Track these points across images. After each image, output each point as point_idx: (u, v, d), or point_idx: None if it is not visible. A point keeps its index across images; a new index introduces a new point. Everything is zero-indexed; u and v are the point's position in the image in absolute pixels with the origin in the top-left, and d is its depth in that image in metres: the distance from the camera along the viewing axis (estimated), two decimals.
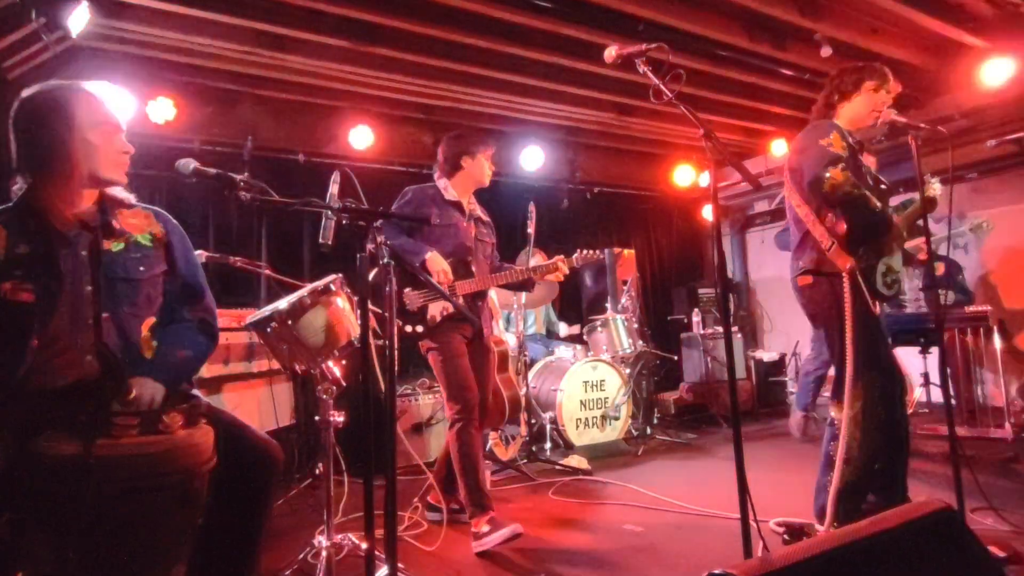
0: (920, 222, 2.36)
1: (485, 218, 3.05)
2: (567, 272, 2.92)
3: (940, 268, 4.71)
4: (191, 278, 1.78)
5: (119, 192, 1.69)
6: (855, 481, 2.29)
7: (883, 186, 2.49)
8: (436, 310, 2.71)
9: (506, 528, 2.44)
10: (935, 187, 2.47)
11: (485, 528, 2.48)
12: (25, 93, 1.57)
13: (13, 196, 1.58)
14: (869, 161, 2.59)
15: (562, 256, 2.91)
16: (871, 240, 2.32)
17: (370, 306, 2.42)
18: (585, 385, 4.35)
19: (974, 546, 1.25)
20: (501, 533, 2.43)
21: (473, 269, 2.83)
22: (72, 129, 1.53)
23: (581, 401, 4.32)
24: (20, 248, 1.50)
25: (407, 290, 2.71)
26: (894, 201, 2.57)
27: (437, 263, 2.69)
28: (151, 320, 1.66)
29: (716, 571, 0.96)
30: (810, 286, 2.42)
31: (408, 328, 2.68)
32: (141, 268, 1.64)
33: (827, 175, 2.20)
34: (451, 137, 2.94)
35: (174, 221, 1.79)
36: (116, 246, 1.61)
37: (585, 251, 2.97)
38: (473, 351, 2.80)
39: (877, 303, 2.30)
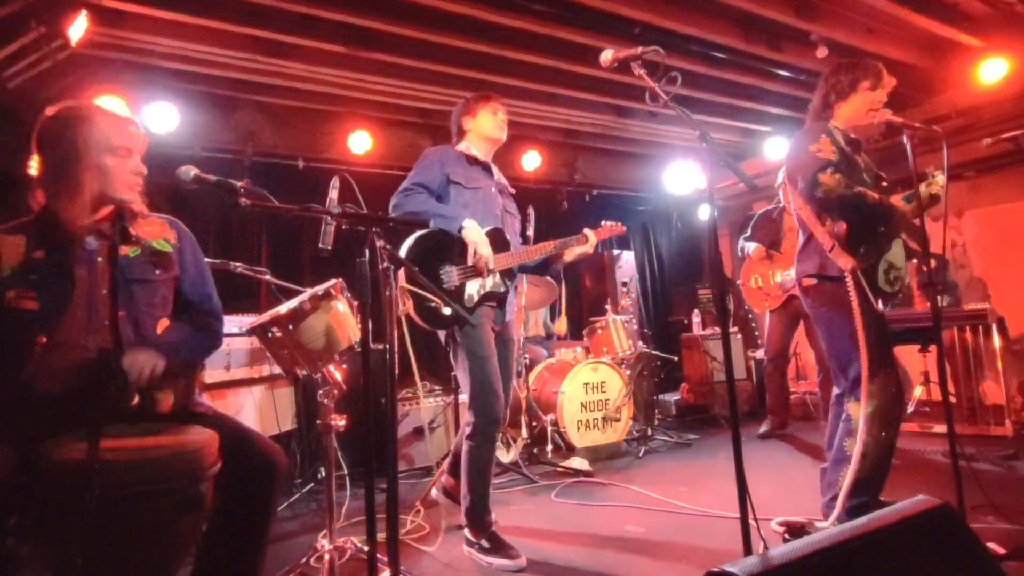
0: (916, 220, 2.38)
1: (511, 190, 2.85)
2: (596, 243, 2.76)
3: (932, 265, 4.74)
4: (200, 285, 1.85)
5: (135, 202, 1.74)
6: (869, 477, 2.30)
7: (884, 183, 2.50)
8: (474, 289, 2.49)
9: (513, 561, 2.35)
10: (939, 181, 2.47)
11: (486, 544, 2.42)
12: (50, 111, 1.64)
13: (35, 207, 1.65)
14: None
15: (588, 228, 2.76)
16: (873, 238, 2.33)
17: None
18: (586, 387, 4.35)
19: (972, 543, 1.26)
20: (505, 563, 2.35)
21: (510, 242, 2.61)
22: (87, 151, 1.60)
23: (582, 403, 4.32)
24: (37, 253, 1.58)
25: (445, 266, 2.48)
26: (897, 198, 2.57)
27: (473, 233, 2.44)
28: (165, 321, 1.73)
29: (715, 569, 0.97)
30: (814, 288, 2.45)
31: (447, 310, 2.40)
32: (156, 271, 1.72)
33: (818, 181, 2.23)
34: (455, 109, 2.80)
35: (187, 229, 1.87)
36: (132, 252, 1.69)
37: (609, 222, 2.83)
38: (499, 343, 2.63)
39: (880, 300, 2.31)
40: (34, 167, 1.64)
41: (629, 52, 1.83)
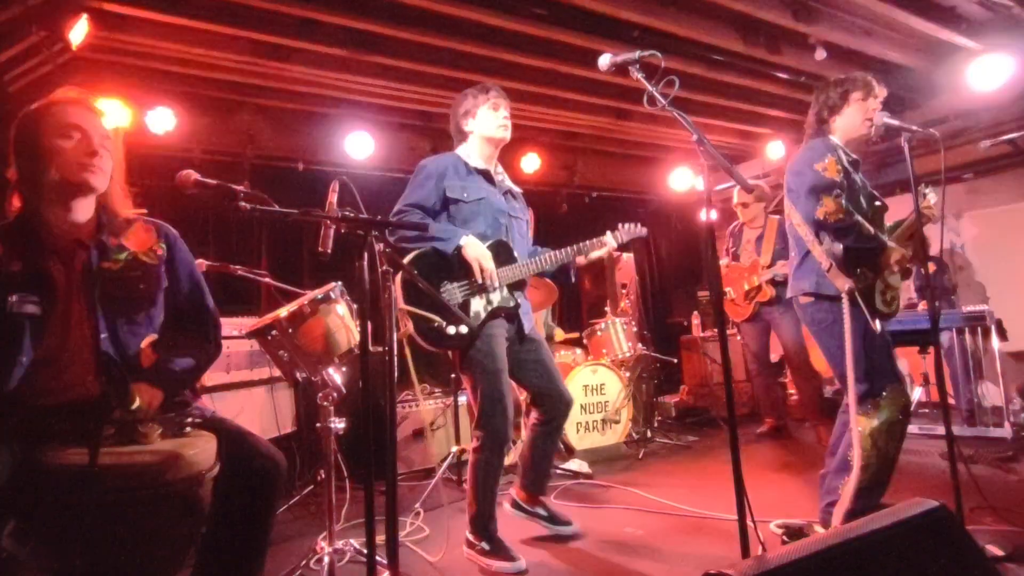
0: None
1: (516, 190, 2.71)
2: (615, 247, 2.65)
3: (931, 268, 4.77)
4: (194, 291, 1.79)
5: (119, 207, 1.69)
6: (870, 487, 2.31)
7: (878, 203, 2.51)
8: (479, 305, 2.40)
9: (512, 563, 2.32)
10: (930, 200, 2.49)
11: (486, 546, 2.40)
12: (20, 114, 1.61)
13: (10, 214, 1.60)
14: None
15: (609, 232, 2.66)
16: (869, 260, 2.35)
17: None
18: (585, 389, 4.35)
19: (969, 545, 1.26)
20: (505, 566, 2.32)
21: (515, 253, 2.51)
22: (41, 137, 1.56)
23: (581, 405, 4.32)
24: (14, 265, 1.50)
25: (445, 283, 2.38)
26: (889, 218, 2.59)
27: (474, 249, 2.34)
28: (152, 336, 1.66)
29: (712, 572, 0.98)
30: (811, 305, 2.46)
31: (451, 330, 2.31)
32: (141, 286, 1.64)
33: (820, 204, 2.24)
34: (452, 108, 2.64)
35: (175, 233, 1.80)
36: (116, 263, 1.62)
37: (627, 225, 2.70)
38: (522, 349, 2.55)
39: (876, 320, 2.32)
40: (11, 172, 1.61)
41: (627, 56, 1.83)
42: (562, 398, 2.61)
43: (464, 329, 2.33)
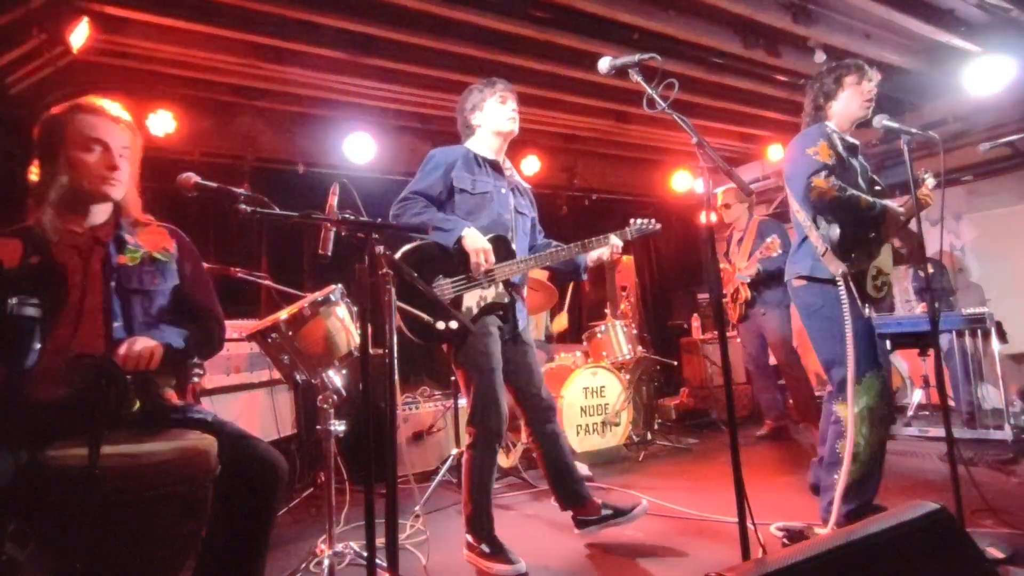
0: (914, 226, 2.41)
1: (524, 186, 2.71)
2: (620, 247, 2.58)
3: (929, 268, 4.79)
4: (201, 293, 1.85)
5: (134, 210, 1.77)
6: (861, 479, 2.32)
7: (878, 187, 2.53)
8: (472, 301, 2.39)
9: (512, 566, 2.31)
10: (928, 183, 2.51)
11: (486, 549, 2.39)
12: (43, 116, 1.67)
13: (31, 215, 1.66)
14: None
15: (618, 231, 2.59)
16: (864, 244, 2.37)
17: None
18: (585, 391, 4.35)
19: (969, 547, 1.26)
20: (505, 568, 2.31)
21: (514, 247, 2.48)
22: (64, 147, 1.62)
23: (582, 407, 4.32)
24: (33, 259, 1.58)
25: (439, 278, 2.40)
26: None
27: (475, 241, 2.33)
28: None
29: (712, 574, 0.98)
30: (804, 289, 2.49)
31: (440, 325, 2.30)
32: (155, 281, 1.72)
33: (811, 184, 2.26)
34: (459, 104, 2.63)
35: (187, 238, 1.87)
36: (131, 260, 1.69)
37: (639, 221, 2.61)
38: (513, 350, 2.53)
39: (867, 306, 2.34)
40: (34, 173, 1.66)
41: (627, 59, 1.84)
42: (542, 401, 2.60)
43: (454, 324, 2.31)
